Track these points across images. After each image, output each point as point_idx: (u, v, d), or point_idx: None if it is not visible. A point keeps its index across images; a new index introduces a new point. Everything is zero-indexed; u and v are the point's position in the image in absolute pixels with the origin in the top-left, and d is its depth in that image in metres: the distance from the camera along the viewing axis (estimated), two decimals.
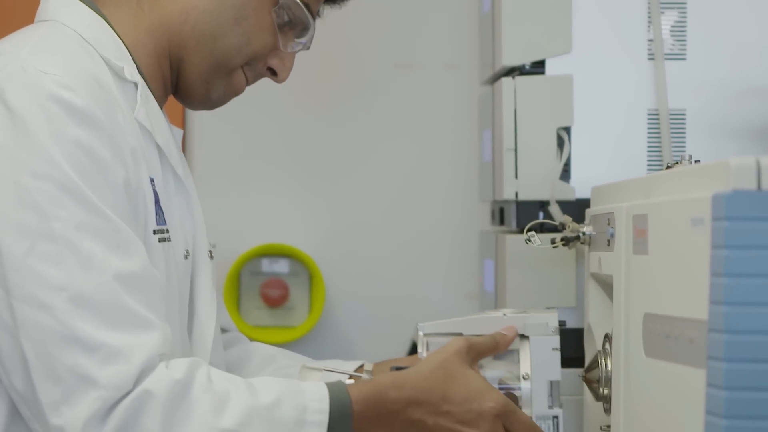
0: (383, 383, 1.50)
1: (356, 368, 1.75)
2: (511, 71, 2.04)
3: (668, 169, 1.56)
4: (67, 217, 1.38)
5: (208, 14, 1.60)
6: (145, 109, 1.55)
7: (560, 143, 1.98)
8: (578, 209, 1.88)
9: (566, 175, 1.98)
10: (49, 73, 1.42)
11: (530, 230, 1.79)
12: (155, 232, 1.53)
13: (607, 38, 1.99)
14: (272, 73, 1.68)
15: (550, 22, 1.98)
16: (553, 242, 1.78)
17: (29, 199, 1.38)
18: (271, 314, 2.71)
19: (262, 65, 1.66)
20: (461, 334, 1.62)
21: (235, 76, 1.66)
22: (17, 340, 1.38)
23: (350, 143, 2.71)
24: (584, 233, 1.73)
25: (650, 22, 1.97)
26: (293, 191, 2.71)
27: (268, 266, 2.70)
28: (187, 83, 1.65)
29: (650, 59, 1.98)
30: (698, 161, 1.56)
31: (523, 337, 1.61)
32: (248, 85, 1.69)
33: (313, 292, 2.69)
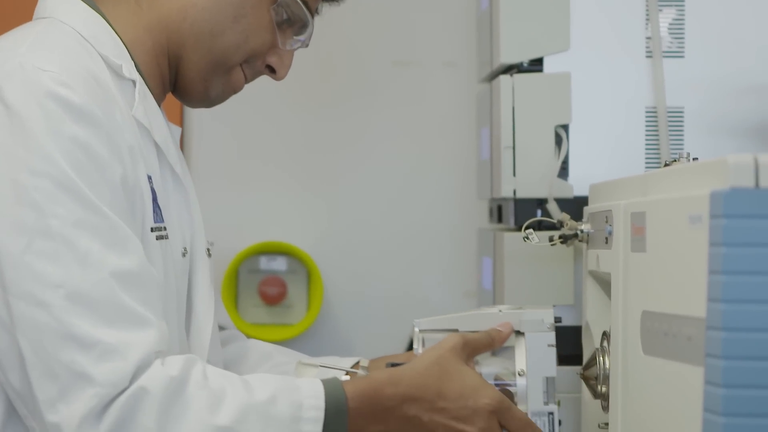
0: (379, 380, 1.50)
1: (352, 365, 1.75)
2: (509, 69, 2.04)
3: (666, 166, 1.56)
4: (64, 214, 1.38)
5: (206, 12, 1.60)
6: (143, 106, 1.55)
7: (558, 141, 1.98)
8: (576, 207, 1.88)
9: (564, 172, 1.98)
10: (46, 70, 1.42)
11: (528, 228, 1.79)
12: (153, 229, 1.53)
13: (605, 36, 1.99)
14: (271, 70, 1.68)
15: (548, 19, 1.98)
16: (551, 240, 1.78)
17: (26, 196, 1.38)
18: (269, 312, 2.70)
19: (260, 63, 1.66)
20: (457, 330, 1.62)
21: (233, 73, 1.66)
22: (14, 337, 1.38)
23: (348, 141, 2.71)
24: (582, 231, 1.73)
25: (648, 19, 1.97)
26: (291, 189, 2.71)
27: (266, 264, 2.70)
28: (185, 81, 1.65)
29: (648, 57, 1.98)
30: (696, 159, 1.56)
31: (518, 333, 1.61)
32: (247, 82, 1.69)
33: (311, 289, 2.69)
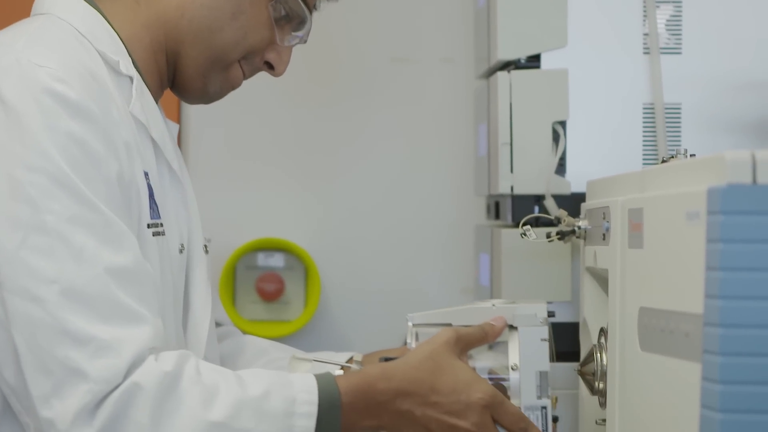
0: (372, 374, 1.50)
1: (347, 360, 1.75)
2: (506, 65, 2.04)
3: (663, 163, 1.56)
4: (59, 210, 1.38)
5: (205, 9, 1.60)
6: (140, 103, 1.55)
7: (556, 137, 1.98)
8: (574, 203, 1.88)
9: (561, 169, 1.98)
10: (43, 65, 1.42)
11: (526, 224, 1.79)
12: (149, 226, 1.53)
13: (602, 32, 1.99)
14: (269, 67, 1.68)
15: (545, 16, 1.98)
16: (548, 236, 1.78)
17: (22, 191, 1.38)
18: (266, 308, 2.70)
19: (259, 59, 1.66)
20: (450, 324, 1.62)
21: (232, 70, 1.65)
22: (9, 332, 1.38)
23: (346, 137, 2.70)
24: (579, 227, 1.73)
25: (645, 16, 1.97)
26: (289, 185, 2.71)
27: (263, 260, 2.70)
28: (184, 77, 1.65)
29: (645, 53, 1.98)
30: (693, 155, 1.56)
31: (512, 327, 1.61)
32: (245, 79, 1.69)
33: (308, 286, 2.69)
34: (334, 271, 2.70)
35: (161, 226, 1.56)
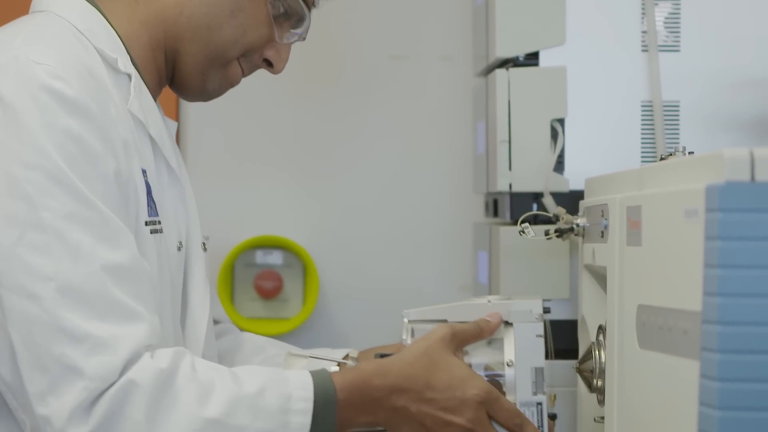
0: (367, 371, 1.50)
1: (343, 356, 1.75)
2: (505, 63, 2.04)
3: (662, 160, 1.56)
4: (56, 207, 1.38)
5: (203, 6, 1.60)
6: (138, 100, 1.55)
7: (554, 135, 1.98)
8: (572, 201, 1.88)
9: (560, 166, 1.98)
10: (41, 63, 1.42)
11: (524, 222, 1.79)
12: (147, 223, 1.53)
13: (601, 30, 1.99)
14: (268, 64, 1.68)
15: (543, 13, 1.98)
16: (546, 234, 1.78)
17: (19, 188, 1.38)
18: (265, 306, 2.70)
19: (258, 57, 1.66)
20: (446, 320, 1.62)
21: (231, 67, 1.65)
22: (5, 329, 1.38)
23: (345, 135, 2.70)
24: (578, 225, 1.73)
25: (644, 13, 1.97)
26: (287, 183, 2.71)
27: (262, 258, 2.70)
28: (183, 75, 1.65)
29: (644, 51, 1.98)
30: (692, 153, 1.56)
31: (507, 323, 1.61)
32: (244, 76, 1.69)
33: (306, 283, 2.69)
34: (332, 268, 2.70)
35: (159, 223, 1.56)
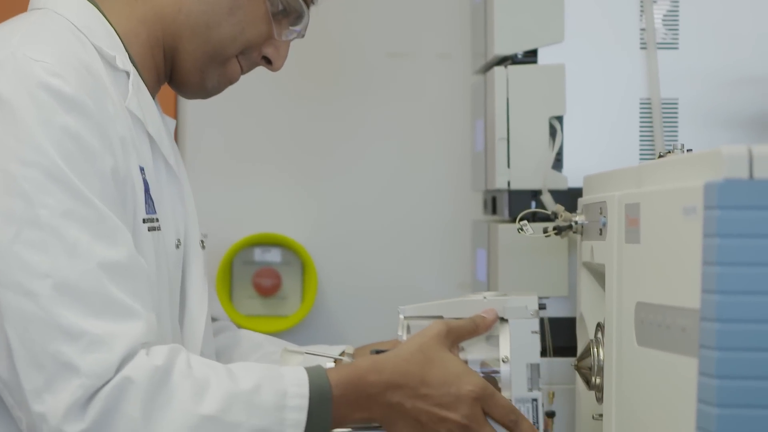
0: (362, 367, 1.50)
1: (339, 353, 1.76)
2: (503, 60, 2.04)
3: (660, 158, 1.56)
4: (53, 204, 1.38)
5: (202, 4, 1.60)
6: (136, 98, 1.55)
7: (552, 132, 1.98)
8: (570, 198, 1.89)
9: (558, 164, 1.98)
10: (38, 60, 1.42)
11: (522, 219, 1.79)
12: (145, 221, 1.53)
13: (599, 27, 1.99)
14: (267, 61, 1.68)
15: (542, 11, 1.97)
16: (545, 231, 1.78)
17: (16, 185, 1.38)
18: (263, 303, 2.70)
19: (256, 54, 1.66)
20: (442, 317, 1.62)
21: (229, 65, 1.65)
22: (2, 326, 1.38)
23: (343, 132, 2.70)
24: (576, 222, 1.73)
25: (642, 11, 1.97)
26: (286, 181, 2.71)
27: (260, 255, 2.70)
28: (181, 72, 1.65)
29: (642, 48, 1.98)
30: (690, 150, 1.56)
31: (503, 320, 1.61)
32: (243, 73, 1.69)
33: (305, 281, 2.69)
34: (331, 266, 2.70)
35: (157, 221, 1.56)
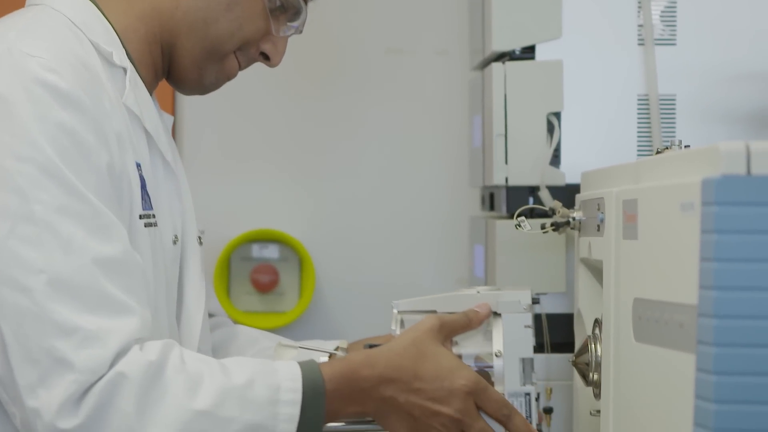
0: (355, 361, 1.50)
1: (334, 348, 1.75)
2: (501, 57, 2.04)
3: (658, 154, 1.56)
4: (48, 199, 1.38)
5: (199, 0, 1.60)
6: (133, 94, 1.55)
7: (550, 128, 1.98)
8: (568, 194, 1.89)
9: (556, 160, 1.98)
10: (34, 55, 1.42)
11: (520, 215, 1.79)
12: (141, 216, 1.52)
13: (597, 24, 1.99)
14: (265, 57, 1.68)
15: (540, 7, 1.97)
16: (543, 227, 1.78)
17: (11, 181, 1.38)
18: (261, 300, 2.70)
19: (254, 50, 1.66)
20: (435, 311, 1.62)
21: (227, 61, 1.65)
22: None
23: (341, 128, 2.70)
24: (574, 218, 1.73)
25: (640, 7, 1.97)
26: (283, 177, 2.71)
27: (258, 252, 2.70)
28: (179, 68, 1.65)
29: (640, 44, 1.98)
30: (688, 146, 1.56)
31: (496, 314, 1.61)
32: (241, 69, 1.69)
33: (303, 277, 2.69)
34: (328, 262, 2.70)
35: (153, 217, 1.56)
